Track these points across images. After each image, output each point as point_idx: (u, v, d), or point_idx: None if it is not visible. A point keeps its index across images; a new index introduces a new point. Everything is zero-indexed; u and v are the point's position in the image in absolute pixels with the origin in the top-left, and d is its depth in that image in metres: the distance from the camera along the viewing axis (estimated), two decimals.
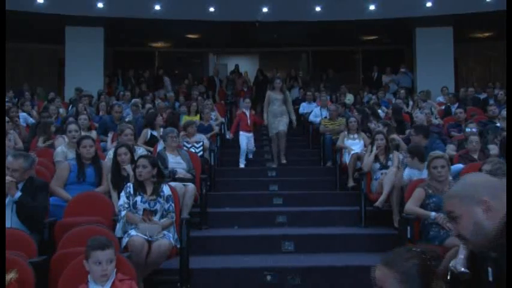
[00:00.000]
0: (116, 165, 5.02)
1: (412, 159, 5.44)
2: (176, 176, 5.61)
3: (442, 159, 4.56)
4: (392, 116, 8.47)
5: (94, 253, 3.08)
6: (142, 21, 12.79)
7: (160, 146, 6.54)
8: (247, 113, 9.03)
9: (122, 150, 5.05)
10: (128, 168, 4.92)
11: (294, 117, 8.62)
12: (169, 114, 8.48)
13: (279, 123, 8.31)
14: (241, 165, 8.57)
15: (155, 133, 7.29)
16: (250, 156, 8.90)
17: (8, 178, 4.07)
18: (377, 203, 5.69)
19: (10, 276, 3.01)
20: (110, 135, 7.47)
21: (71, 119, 7.51)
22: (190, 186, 5.46)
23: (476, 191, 1.68)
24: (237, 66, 14.83)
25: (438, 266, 1.60)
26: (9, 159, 4.25)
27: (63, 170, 5.05)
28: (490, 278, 3.10)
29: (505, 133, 6.44)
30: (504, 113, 7.73)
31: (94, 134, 7.35)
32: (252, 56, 16.88)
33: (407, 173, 5.52)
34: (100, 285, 3.10)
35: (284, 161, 8.36)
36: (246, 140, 8.69)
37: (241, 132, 8.77)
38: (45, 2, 11.80)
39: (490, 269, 3.10)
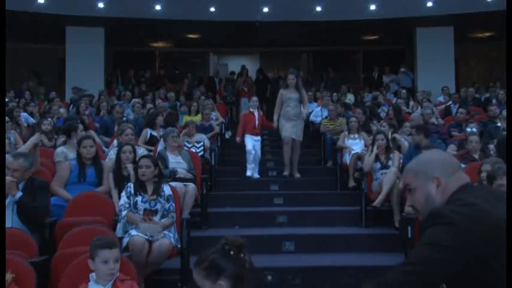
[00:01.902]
0: (118, 163, 5.03)
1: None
2: (177, 176, 5.61)
3: None
4: (393, 117, 8.47)
5: (101, 252, 3.08)
6: (143, 21, 12.79)
7: (160, 146, 6.54)
8: (256, 114, 7.82)
9: (128, 148, 5.09)
10: (130, 168, 4.93)
11: (306, 111, 7.93)
12: (167, 114, 8.47)
13: (293, 128, 7.41)
14: (249, 173, 7.53)
15: (155, 133, 7.29)
16: (257, 175, 7.60)
17: (8, 178, 4.07)
18: (375, 203, 5.70)
19: (6, 277, 3.03)
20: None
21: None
22: (191, 186, 5.46)
23: (430, 167, 1.82)
24: (243, 67, 14.58)
25: (239, 254, 1.71)
26: (8, 159, 4.25)
27: (63, 170, 5.05)
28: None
29: (504, 133, 6.44)
30: (505, 113, 7.72)
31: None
32: (253, 56, 16.88)
33: None
34: (101, 284, 3.10)
35: (298, 175, 7.50)
36: (253, 142, 7.59)
37: (247, 135, 7.66)
38: (45, 2, 11.79)
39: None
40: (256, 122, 7.72)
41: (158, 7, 12.23)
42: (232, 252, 1.70)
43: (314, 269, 4.75)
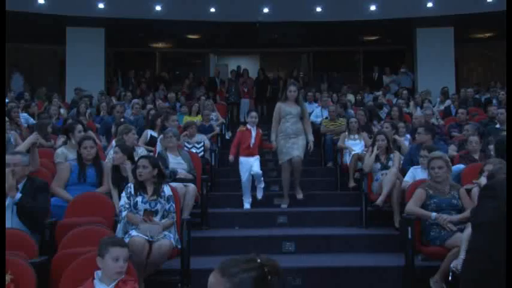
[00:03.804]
0: (115, 165, 5.03)
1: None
2: (177, 177, 5.61)
3: (440, 160, 4.53)
4: (396, 117, 8.45)
5: (113, 249, 3.09)
6: (143, 21, 12.81)
7: (159, 146, 6.54)
8: (253, 131, 6.63)
9: (114, 149, 5.09)
10: (128, 168, 4.93)
11: (311, 138, 6.63)
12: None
13: (292, 146, 6.41)
14: (247, 206, 6.54)
15: (155, 134, 7.30)
16: (260, 196, 6.64)
17: (8, 172, 4.04)
18: (377, 202, 5.68)
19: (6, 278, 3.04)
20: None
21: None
22: (191, 186, 5.46)
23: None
24: (239, 67, 14.65)
25: (276, 283, 1.48)
26: (7, 156, 4.23)
27: (64, 171, 5.05)
28: None
29: (503, 133, 6.43)
30: (501, 114, 7.71)
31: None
32: (253, 57, 16.89)
33: (411, 173, 5.52)
34: (105, 283, 3.09)
35: (300, 196, 6.64)
36: (248, 167, 6.46)
37: (241, 158, 6.53)
38: (46, 2, 11.81)
39: None
40: (252, 141, 6.55)
41: (158, 7, 12.25)
42: (270, 277, 1.49)
43: (314, 269, 4.75)
